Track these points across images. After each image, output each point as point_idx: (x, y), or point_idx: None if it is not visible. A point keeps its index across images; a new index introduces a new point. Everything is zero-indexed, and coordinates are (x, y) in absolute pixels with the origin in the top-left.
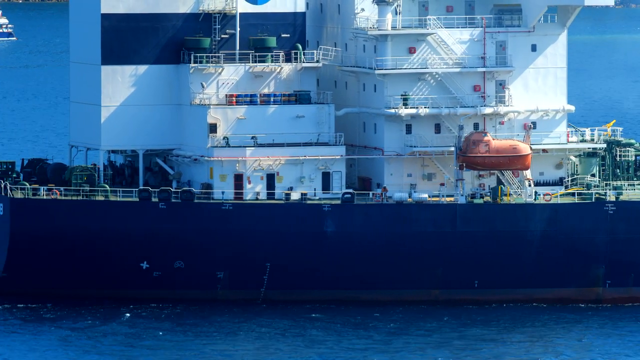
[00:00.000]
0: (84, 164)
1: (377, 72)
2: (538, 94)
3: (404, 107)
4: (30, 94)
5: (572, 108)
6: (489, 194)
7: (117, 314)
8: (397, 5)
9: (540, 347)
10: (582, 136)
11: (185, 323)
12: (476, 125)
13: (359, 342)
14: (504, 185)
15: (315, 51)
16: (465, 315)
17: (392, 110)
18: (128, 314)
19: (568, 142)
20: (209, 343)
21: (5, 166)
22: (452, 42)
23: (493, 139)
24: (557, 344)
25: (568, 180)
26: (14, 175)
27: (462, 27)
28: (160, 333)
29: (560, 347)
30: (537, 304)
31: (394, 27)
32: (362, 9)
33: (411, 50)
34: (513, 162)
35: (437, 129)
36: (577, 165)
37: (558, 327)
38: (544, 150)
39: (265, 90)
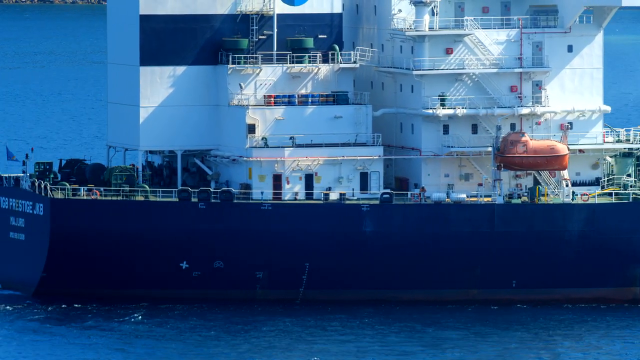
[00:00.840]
0: (122, 164)
1: (414, 72)
2: (574, 95)
3: (441, 107)
4: (64, 95)
5: (608, 108)
6: (526, 194)
7: (156, 313)
8: (434, 6)
9: (577, 346)
10: (618, 136)
11: (225, 322)
12: (513, 126)
13: (398, 342)
14: (541, 186)
15: (352, 52)
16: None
17: (430, 111)
18: (166, 314)
19: (604, 142)
20: (248, 343)
21: (42, 167)
22: (489, 43)
23: (531, 140)
24: (595, 346)
25: (605, 181)
26: (52, 176)
27: (499, 28)
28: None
29: (595, 346)
30: (574, 304)
31: (431, 28)
32: (400, 10)
33: (448, 51)
34: (551, 162)
35: (474, 129)
36: (612, 165)
37: (595, 327)
38: (581, 151)
39: (303, 91)
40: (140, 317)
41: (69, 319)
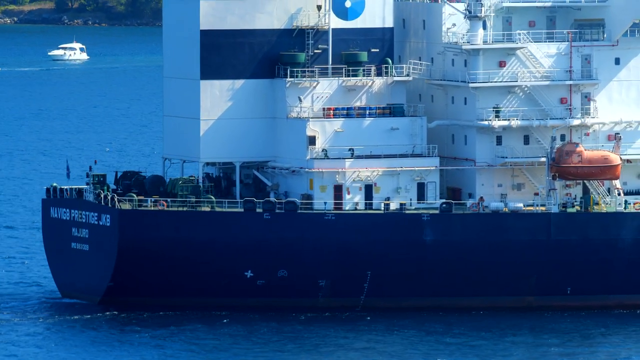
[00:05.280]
0: (179, 176)
1: (470, 85)
2: (621, 106)
3: (496, 119)
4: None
5: None
6: (579, 203)
7: (222, 322)
8: (488, 20)
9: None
10: None
11: (288, 331)
12: (562, 137)
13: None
14: (591, 195)
15: (405, 65)
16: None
17: (485, 122)
18: (232, 322)
19: None
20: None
21: (97, 179)
22: (540, 56)
23: (585, 150)
24: None
25: None
26: (114, 187)
27: (549, 41)
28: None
29: None
30: (628, 310)
31: (485, 42)
32: (454, 24)
33: (501, 64)
34: (604, 172)
35: (526, 140)
36: None
37: None
38: (628, 161)
39: (357, 104)
40: (205, 325)
41: (134, 328)
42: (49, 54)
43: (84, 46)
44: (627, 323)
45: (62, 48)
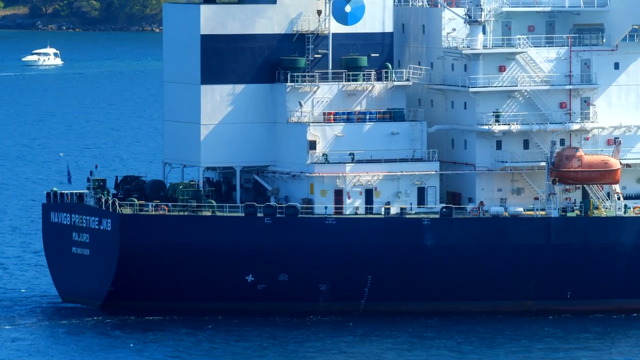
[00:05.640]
0: (180, 180)
1: (470, 89)
2: (621, 110)
3: (496, 123)
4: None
5: None
6: (579, 207)
7: (222, 326)
8: (488, 25)
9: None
10: None
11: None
12: (562, 141)
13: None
14: (590, 199)
15: (404, 70)
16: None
17: (485, 127)
18: (232, 326)
19: None
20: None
21: (97, 183)
22: (539, 61)
23: (585, 154)
24: None
25: None
26: (114, 192)
27: (548, 46)
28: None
29: None
30: (628, 314)
31: (484, 46)
32: (454, 29)
33: (501, 69)
34: (604, 176)
35: (526, 144)
36: None
37: None
38: (628, 165)
39: (357, 108)
40: (206, 329)
41: (135, 332)
42: (23, 59)
43: (58, 51)
44: (626, 327)
45: (36, 53)
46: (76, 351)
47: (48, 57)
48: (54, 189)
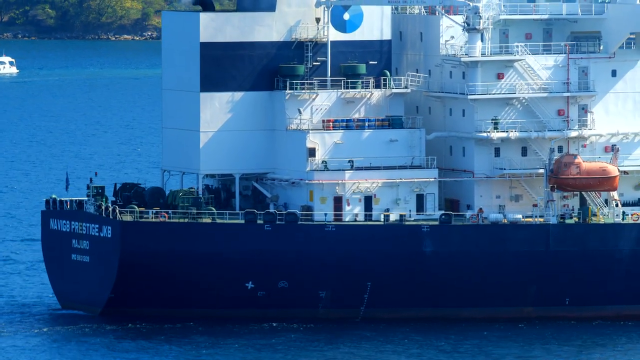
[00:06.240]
0: (178, 188)
1: (469, 97)
2: (618, 118)
3: (495, 131)
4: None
5: None
6: (577, 214)
7: (221, 332)
8: (486, 32)
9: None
10: None
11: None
12: (560, 148)
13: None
14: (588, 206)
15: (403, 77)
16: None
17: (484, 134)
18: (232, 333)
19: None
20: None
21: (96, 190)
22: (537, 68)
23: (583, 161)
24: None
25: None
26: (113, 199)
27: (546, 54)
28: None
29: None
30: (625, 320)
31: (483, 54)
32: (452, 37)
33: (499, 76)
34: (602, 183)
35: (524, 151)
36: None
37: None
38: (625, 172)
39: (356, 116)
40: (206, 336)
41: (135, 339)
42: None
43: (13, 60)
44: (621, 334)
45: None
46: (76, 357)
47: (4, 66)
48: (53, 196)
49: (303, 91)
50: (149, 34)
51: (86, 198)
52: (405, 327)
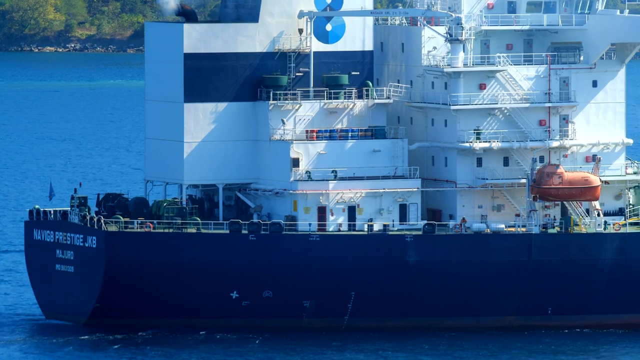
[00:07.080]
0: (162, 198)
1: (452, 107)
2: (599, 128)
3: (477, 141)
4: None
5: (630, 141)
6: (559, 224)
7: (207, 342)
8: (468, 43)
9: None
10: (638, 168)
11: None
12: (542, 158)
13: None
14: (569, 216)
15: (385, 88)
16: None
17: (467, 144)
18: (217, 342)
19: (626, 174)
20: None
21: (78, 201)
22: (519, 79)
23: (566, 171)
24: None
25: (629, 211)
26: (96, 209)
27: (528, 64)
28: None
29: None
30: (607, 329)
31: (465, 65)
32: (434, 47)
33: (482, 87)
34: (584, 193)
35: (506, 162)
36: (630, 196)
37: (627, 352)
38: (606, 182)
39: (339, 126)
40: (191, 345)
41: (120, 349)
42: None
43: None
44: (602, 342)
45: None
46: None
47: None
48: (37, 206)
49: (286, 102)
50: (73, 45)
51: (70, 208)
52: (387, 336)
